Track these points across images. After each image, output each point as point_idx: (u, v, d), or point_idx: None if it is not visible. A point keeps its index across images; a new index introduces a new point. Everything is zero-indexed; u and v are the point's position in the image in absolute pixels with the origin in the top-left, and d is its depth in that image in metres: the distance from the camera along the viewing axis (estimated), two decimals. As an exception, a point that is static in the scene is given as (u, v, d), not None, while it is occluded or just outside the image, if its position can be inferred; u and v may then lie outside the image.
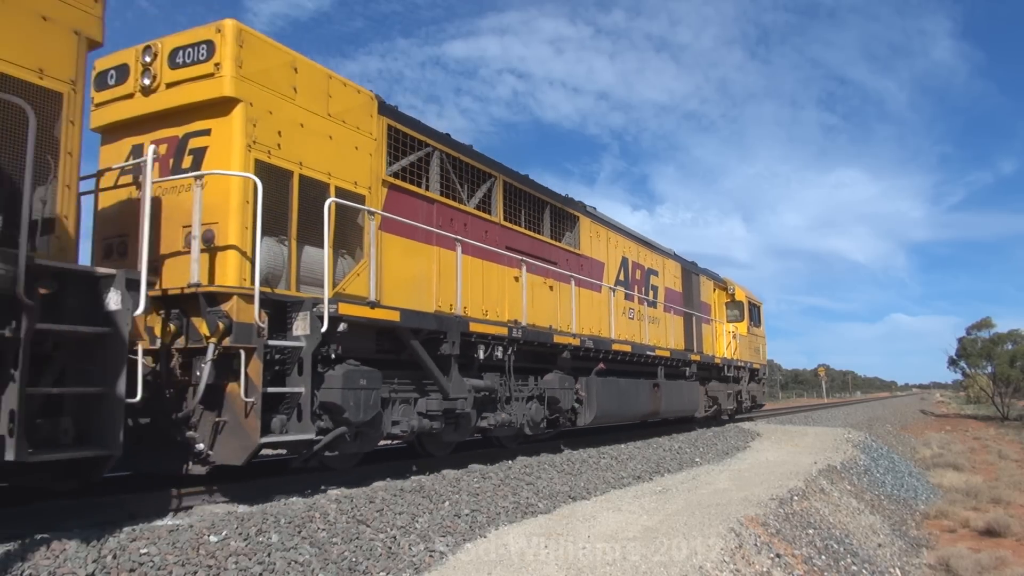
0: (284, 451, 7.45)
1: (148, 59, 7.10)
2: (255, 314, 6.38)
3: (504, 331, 9.86)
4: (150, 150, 6.13)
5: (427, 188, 9.27)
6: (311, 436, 6.84)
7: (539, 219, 11.91)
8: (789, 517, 8.53)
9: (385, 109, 8.53)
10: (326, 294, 7.00)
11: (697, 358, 17.85)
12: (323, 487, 7.24)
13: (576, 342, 11.72)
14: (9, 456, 4.52)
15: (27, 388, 4.59)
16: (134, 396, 5.59)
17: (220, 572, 4.58)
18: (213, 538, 4.91)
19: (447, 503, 6.97)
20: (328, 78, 7.82)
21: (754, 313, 23.51)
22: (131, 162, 6.80)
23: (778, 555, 6.95)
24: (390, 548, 5.59)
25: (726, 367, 20.20)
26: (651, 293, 16.18)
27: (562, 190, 13.17)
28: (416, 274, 8.76)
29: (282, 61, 7.28)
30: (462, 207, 9.81)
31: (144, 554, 4.50)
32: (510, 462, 9.68)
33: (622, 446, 12.70)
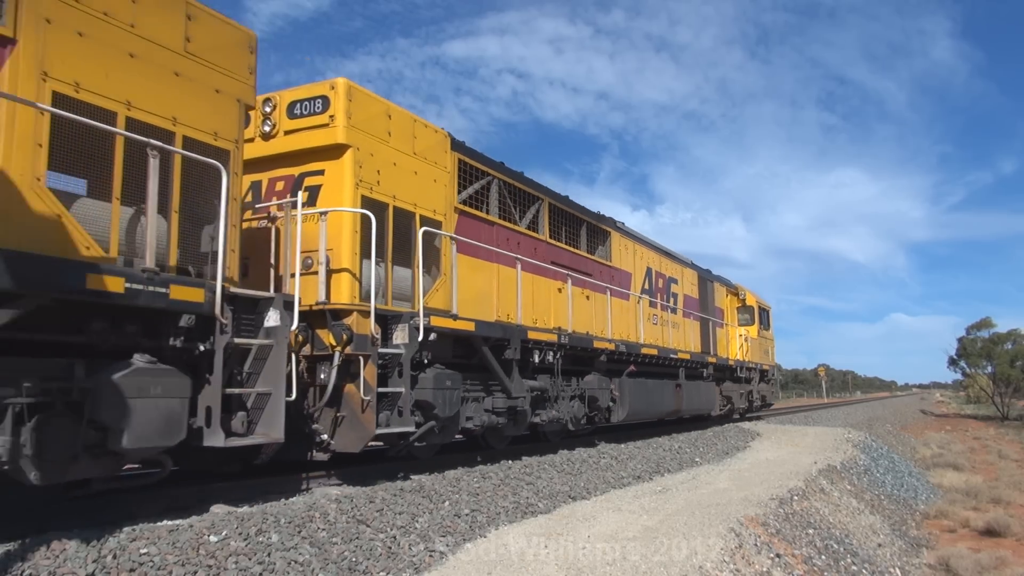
0: (381, 442, 8.56)
1: (268, 109, 8.27)
2: (371, 327, 7.65)
3: (554, 337, 11.19)
4: (299, 196, 7.45)
5: (488, 212, 10.48)
6: (411, 428, 8.09)
7: (577, 235, 13.17)
8: (789, 517, 8.53)
9: (456, 145, 9.82)
10: (420, 308, 8.31)
11: (713, 360, 19.31)
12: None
13: (612, 347, 13.13)
14: (216, 443, 5.77)
15: (224, 389, 5.92)
16: (291, 396, 6.70)
17: (220, 572, 4.58)
18: (213, 538, 4.92)
19: (447, 503, 6.97)
20: (413, 121, 9.04)
21: (763, 317, 24.88)
22: (284, 200, 7.67)
23: (778, 555, 6.95)
24: (390, 548, 5.59)
25: (739, 368, 21.69)
26: (672, 300, 17.52)
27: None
28: (481, 288, 9.94)
29: (380, 110, 8.54)
30: (516, 227, 11.08)
31: (144, 554, 4.51)
32: (510, 462, 9.70)
33: (622, 446, 12.70)
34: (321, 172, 8.04)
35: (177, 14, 6.05)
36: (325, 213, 7.60)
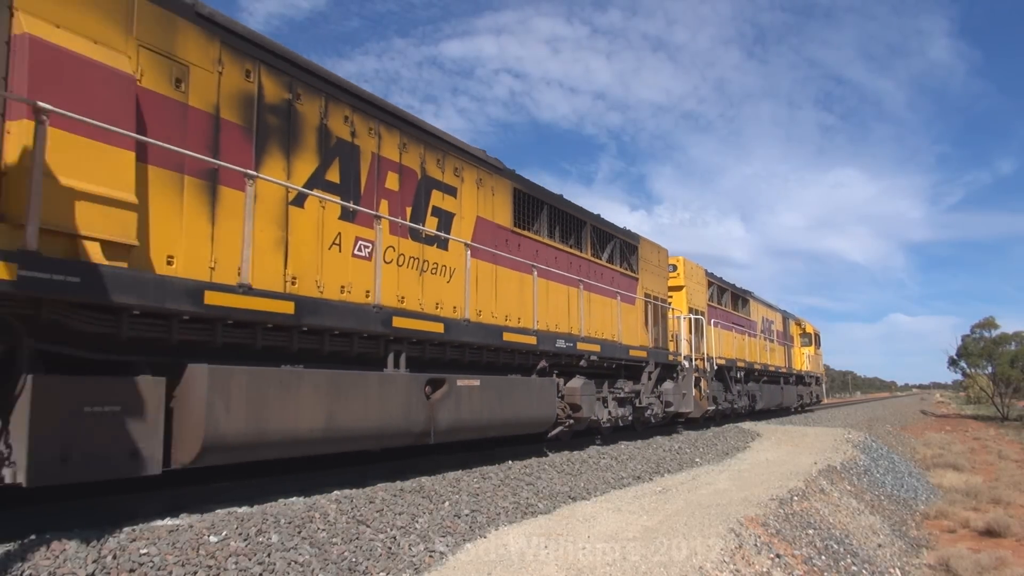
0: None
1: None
2: (705, 365, 18.63)
3: (743, 364, 22.67)
4: (693, 316, 18.65)
5: (715, 302, 21.61)
6: (713, 408, 19.27)
7: (738, 305, 24.62)
8: (789, 517, 8.53)
9: (708, 275, 20.91)
10: (714, 355, 19.40)
11: (795, 372, 31.75)
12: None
13: (759, 367, 24.98)
14: (684, 409, 16.47)
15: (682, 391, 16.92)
16: (695, 393, 17.05)
17: (220, 572, 4.58)
18: (213, 538, 4.92)
19: (447, 503, 6.97)
20: (697, 267, 19.69)
21: (817, 340, 36.99)
22: (694, 317, 18.78)
23: (778, 555, 6.95)
24: (390, 548, 5.59)
25: (805, 376, 34.15)
26: (772, 335, 28.61)
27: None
28: (714, 341, 19.80)
29: (693, 266, 19.29)
30: (724, 308, 22.60)
31: (144, 554, 4.50)
32: (510, 462, 9.69)
33: (621, 446, 12.69)
34: (671, 297, 17.49)
35: (655, 253, 16.27)
36: (686, 318, 17.93)
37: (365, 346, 7.65)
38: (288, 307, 6.45)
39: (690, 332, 17.86)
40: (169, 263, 5.78)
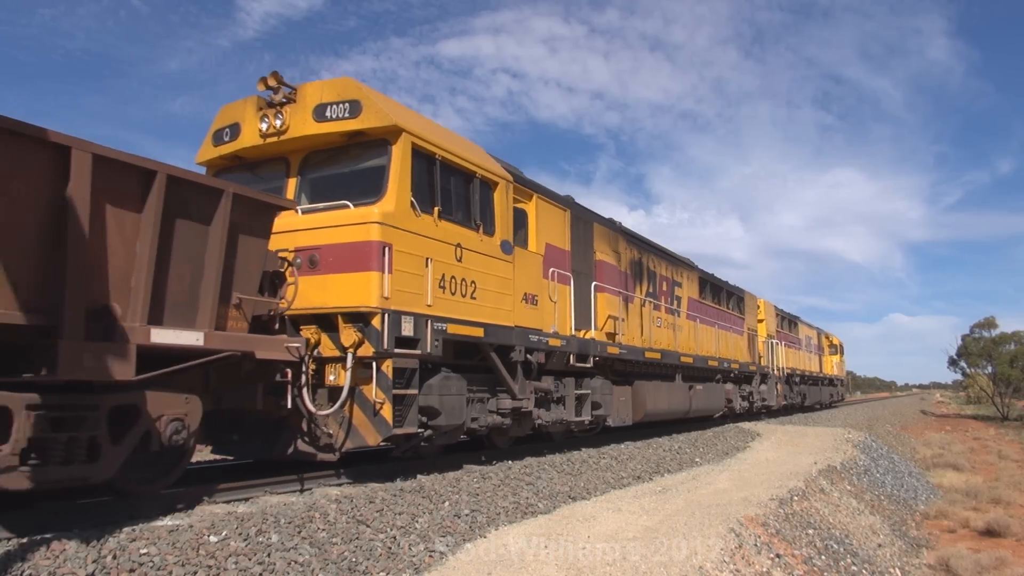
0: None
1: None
2: (779, 373, 26.64)
3: (799, 372, 30.93)
4: (770, 341, 26.43)
5: (781, 328, 28.40)
6: (785, 403, 27.91)
7: (790, 327, 30.63)
8: (789, 517, 8.53)
9: (776, 308, 28.12)
10: (783, 366, 27.50)
11: (826, 376, 39.75)
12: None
13: (807, 374, 32.92)
14: (769, 402, 25.01)
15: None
16: (776, 391, 26.38)
17: (220, 572, 4.58)
18: (213, 538, 4.92)
19: (447, 503, 6.97)
20: (769, 304, 26.94)
21: (841, 349, 44.84)
22: (771, 341, 26.67)
23: (778, 555, 6.95)
24: (390, 548, 5.59)
25: (833, 379, 41.98)
26: (812, 347, 35.84)
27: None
28: (784, 355, 27.53)
29: (768, 304, 26.75)
30: (783, 330, 28.68)
31: (144, 554, 4.50)
32: (510, 462, 9.70)
33: (622, 446, 12.70)
34: (757, 326, 24.33)
35: (751, 299, 24.24)
36: (765, 342, 25.21)
37: (671, 370, 15.94)
38: (657, 355, 14.74)
39: (768, 351, 25.48)
40: (615, 339, 12.90)
